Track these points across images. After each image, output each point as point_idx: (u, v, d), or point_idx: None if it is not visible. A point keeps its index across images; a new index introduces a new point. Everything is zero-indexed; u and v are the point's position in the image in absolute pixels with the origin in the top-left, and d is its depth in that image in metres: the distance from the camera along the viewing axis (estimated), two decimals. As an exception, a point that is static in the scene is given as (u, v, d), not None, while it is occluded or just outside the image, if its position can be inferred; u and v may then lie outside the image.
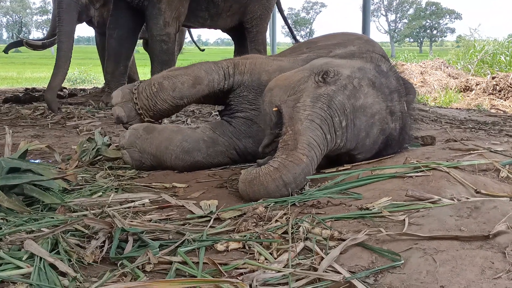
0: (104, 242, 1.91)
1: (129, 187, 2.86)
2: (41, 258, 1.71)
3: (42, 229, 2.01)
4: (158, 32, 6.38)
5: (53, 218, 2.19)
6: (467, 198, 2.18)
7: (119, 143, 3.31)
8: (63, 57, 6.06)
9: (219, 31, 8.11)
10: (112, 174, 3.10)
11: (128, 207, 2.41)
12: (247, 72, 3.33)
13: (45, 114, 5.99)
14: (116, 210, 2.30)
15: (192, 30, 9.86)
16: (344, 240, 1.87)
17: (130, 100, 3.33)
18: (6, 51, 8.80)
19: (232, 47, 8.43)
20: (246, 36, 7.53)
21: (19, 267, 1.70)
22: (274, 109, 2.74)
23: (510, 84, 10.71)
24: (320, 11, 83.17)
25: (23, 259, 1.74)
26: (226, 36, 8.36)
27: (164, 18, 6.32)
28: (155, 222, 2.19)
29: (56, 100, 6.24)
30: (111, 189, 2.77)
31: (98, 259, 1.81)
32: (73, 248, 1.83)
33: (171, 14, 6.34)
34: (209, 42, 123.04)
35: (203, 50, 12.32)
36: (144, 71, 12.25)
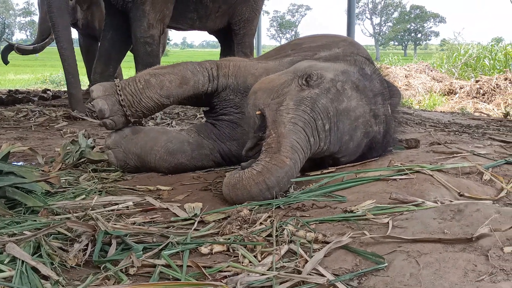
0: (87, 245, 1.89)
1: (113, 189, 2.84)
2: (23, 261, 1.69)
3: (24, 232, 1.99)
4: (142, 34, 6.34)
5: (35, 221, 2.16)
6: (451, 201, 2.19)
7: (104, 143, 3.28)
8: (72, 64, 5.97)
9: (204, 33, 8.07)
10: (95, 176, 3.07)
11: (112, 210, 2.39)
12: (232, 74, 3.31)
13: (28, 116, 5.95)
14: (99, 213, 2.29)
15: (177, 32, 9.84)
16: (328, 243, 1.87)
17: (113, 94, 3.17)
18: (5, 61, 8.69)
19: (218, 50, 8.41)
20: (233, 39, 7.51)
21: (0, 270, 1.68)
22: (257, 112, 2.74)
23: (494, 88, 10.81)
24: (305, 14, 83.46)
25: (5, 262, 1.72)
26: (211, 39, 8.36)
27: (148, 20, 6.28)
28: (139, 225, 2.18)
29: (82, 104, 6.16)
30: (95, 192, 2.75)
31: (81, 262, 1.79)
32: (55, 251, 1.82)
33: (155, 16, 6.31)
34: (194, 45, 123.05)
35: None
36: (129, 73, 12.18)
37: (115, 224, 2.09)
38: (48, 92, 9.12)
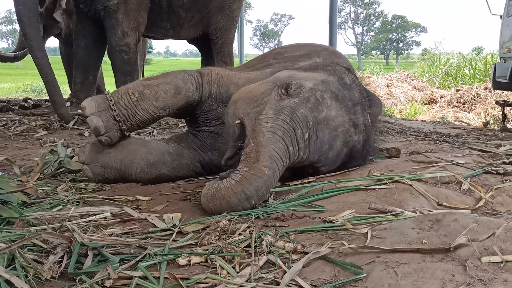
0: (62, 257, 1.86)
1: (91, 200, 2.80)
2: (-4, 274, 1.66)
3: (-2, 244, 1.95)
4: (117, 43, 6.33)
5: (10, 232, 2.12)
6: (429, 211, 2.20)
7: (78, 158, 3.22)
8: (49, 72, 5.91)
9: (187, 42, 8.08)
10: (73, 187, 3.04)
11: (89, 221, 2.36)
12: (214, 82, 3.28)
13: (7, 125, 5.87)
14: (76, 224, 2.25)
15: (160, 40, 9.81)
16: (307, 253, 1.86)
17: (106, 109, 3.08)
18: None
19: (200, 59, 8.41)
20: (212, 48, 7.53)
21: (-28, 284, 1.64)
22: (237, 121, 2.73)
23: (474, 97, 10.94)
24: (288, 23, 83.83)
25: (-23, 275, 1.68)
26: (195, 48, 8.29)
27: (122, 28, 6.28)
28: (116, 236, 2.15)
29: (69, 114, 6.12)
30: (72, 203, 2.71)
31: (56, 274, 1.76)
32: (30, 264, 1.78)
33: (129, 24, 6.30)
34: (178, 53, 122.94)
35: None
36: (111, 81, 12.12)
37: (91, 236, 2.06)
38: (29, 101, 9.03)
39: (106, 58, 8.50)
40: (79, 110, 5.85)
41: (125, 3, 6.26)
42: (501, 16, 8.19)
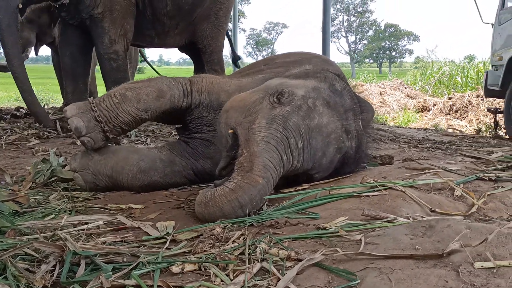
0: (54, 266, 1.85)
1: (84, 208, 2.79)
2: (-13, 284, 1.65)
3: (-11, 253, 1.94)
4: (105, 51, 6.31)
5: (1, 242, 2.10)
6: (422, 217, 2.20)
7: (70, 166, 3.20)
8: (24, 81, 5.91)
9: (178, 50, 8.07)
10: (66, 195, 3.02)
11: (82, 230, 2.34)
12: (205, 91, 3.29)
13: (-1, 134, 5.85)
14: (68, 232, 2.24)
15: (153, 49, 9.81)
16: (301, 260, 1.86)
17: (88, 111, 3.08)
18: None
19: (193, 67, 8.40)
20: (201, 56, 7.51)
21: (-38, 294, 1.63)
22: (230, 131, 2.72)
23: (466, 105, 10.99)
24: (281, 32, 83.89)
25: (-32, 285, 1.67)
26: (188, 56, 8.26)
27: (110, 36, 6.25)
28: (109, 245, 2.14)
29: (49, 119, 6.16)
30: (65, 211, 2.69)
31: (48, 284, 1.74)
32: (22, 273, 1.76)
33: (116, 32, 6.27)
34: (171, 62, 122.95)
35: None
36: (104, 90, 12.11)
37: (84, 244, 2.05)
38: (21, 110, 8.99)
39: (98, 66, 8.50)
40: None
41: (111, 11, 6.23)
42: (492, 25, 8.24)
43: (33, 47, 8.37)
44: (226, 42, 7.97)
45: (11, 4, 5.66)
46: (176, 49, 7.89)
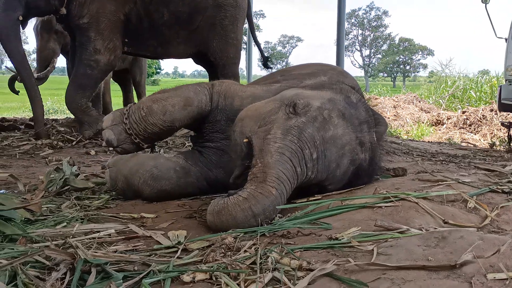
0: (65, 273, 1.84)
1: (96, 217, 2.79)
2: (-3, 290, 1.65)
3: (0, 260, 1.94)
4: (87, 57, 6.29)
5: (13, 249, 2.10)
6: (435, 228, 2.18)
7: (107, 163, 3.37)
8: (31, 88, 6.04)
9: (193, 62, 8.03)
10: (78, 204, 3.03)
11: (93, 238, 2.34)
12: (222, 93, 3.32)
13: (13, 144, 5.89)
14: (80, 240, 2.24)
15: (168, 61, 9.83)
16: (312, 270, 1.85)
17: (120, 123, 3.25)
18: (15, 92, 8.54)
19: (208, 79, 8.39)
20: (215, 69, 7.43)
21: (-27, 300, 1.63)
22: (244, 140, 2.72)
23: (480, 119, 10.93)
24: (296, 45, 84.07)
25: (-22, 291, 1.68)
26: (203, 68, 8.20)
27: (95, 45, 6.24)
28: (120, 253, 2.13)
29: (44, 131, 6.28)
30: (76, 220, 2.70)
31: (58, 291, 1.75)
32: (32, 280, 1.76)
33: (103, 43, 6.26)
34: (186, 74, 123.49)
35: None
36: (117, 102, 12.19)
37: (95, 252, 2.05)
38: (36, 120, 9.06)
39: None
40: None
41: (97, 22, 6.24)
42: (506, 39, 8.21)
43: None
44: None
45: (12, 16, 5.83)
46: (191, 61, 7.86)
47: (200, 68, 8.45)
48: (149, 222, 2.75)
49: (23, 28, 6.15)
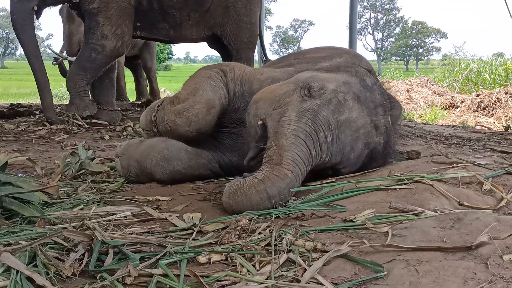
0: (83, 254, 1.87)
1: (112, 200, 2.83)
2: (17, 271, 1.67)
3: (20, 242, 1.97)
4: (94, 41, 6.31)
5: (32, 231, 2.14)
6: (450, 210, 2.17)
7: (116, 152, 3.41)
8: (41, 77, 6.08)
9: (207, 48, 7.98)
10: (94, 187, 3.06)
11: (110, 220, 2.38)
12: (237, 79, 3.31)
13: (29, 129, 5.94)
14: (97, 222, 2.27)
15: (180, 46, 9.82)
16: (327, 251, 1.86)
17: (151, 130, 3.42)
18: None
19: (221, 64, 8.30)
20: (230, 54, 7.38)
21: (-5, 280, 1.66)
22: (259, 122, 2.73)
23: (495, 102, 10.83)
24: (308, 29, 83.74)
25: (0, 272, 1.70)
26: (214, 53, 8.18)
27: (102, 30, 6.26)
28: (137, 235, 2.16)
29: (56, 116, 6.28)
30: (93, 202, 2.74)
31: (77, 272, 1.77)
32: (51, 261, 1.79)
33: (111, 29, 6.28)
34: (198, 59, 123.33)
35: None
36: (130, 87, 12.23)
37: (112, 234, 2.08)
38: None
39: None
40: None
41: (106, 8, 6.25)
42: (522, 20, 8.11)
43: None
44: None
45: (26, 6, 5.86)
46: (203, 46, 7.85)
47: (211, 53, 8.44)
48: (164, 204, 2.77)
49: (38, 18, 6.19)
